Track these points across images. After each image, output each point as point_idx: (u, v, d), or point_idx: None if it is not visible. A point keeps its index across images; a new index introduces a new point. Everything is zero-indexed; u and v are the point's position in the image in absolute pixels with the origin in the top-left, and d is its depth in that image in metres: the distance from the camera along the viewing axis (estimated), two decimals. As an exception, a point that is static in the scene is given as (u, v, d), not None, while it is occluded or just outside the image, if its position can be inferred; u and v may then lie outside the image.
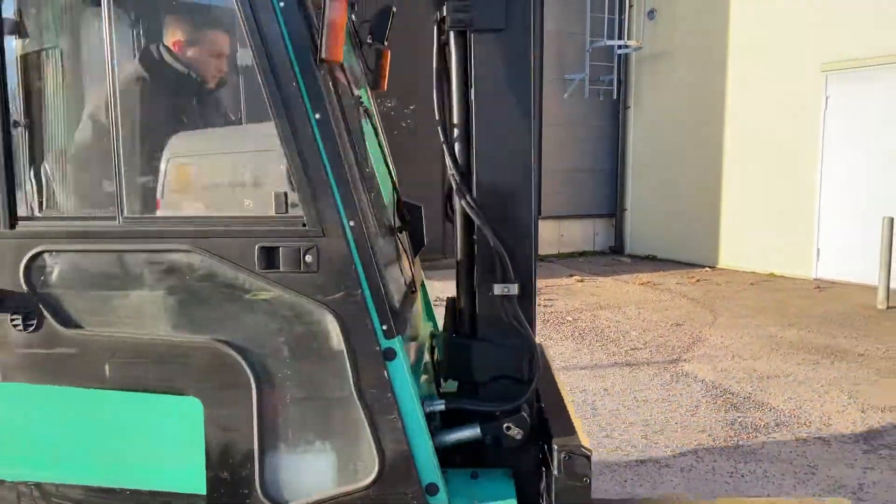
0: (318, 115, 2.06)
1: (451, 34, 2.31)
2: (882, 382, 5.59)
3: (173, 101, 2.58)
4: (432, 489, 2.15)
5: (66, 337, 2.21)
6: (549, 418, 2.43)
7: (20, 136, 2.34)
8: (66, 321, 2.22)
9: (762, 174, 10.26)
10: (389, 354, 2.12)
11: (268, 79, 2.05)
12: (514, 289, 2.28)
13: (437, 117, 2.40)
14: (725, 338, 7.00)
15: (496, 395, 2.35)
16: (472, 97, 2.30)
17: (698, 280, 10.11)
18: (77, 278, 2.31)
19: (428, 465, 2.16)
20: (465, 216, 2.36)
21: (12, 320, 2.20)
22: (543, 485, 2.46)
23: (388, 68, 2.85)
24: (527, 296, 2.33)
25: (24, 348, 2.23)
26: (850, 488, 3.84)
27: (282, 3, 2.04)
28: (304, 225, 2.08)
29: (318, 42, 2.04)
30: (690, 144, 11.36)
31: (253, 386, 2.13)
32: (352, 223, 2.08)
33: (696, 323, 7.63)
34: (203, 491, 2.17)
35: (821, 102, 9.46)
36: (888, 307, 7.87)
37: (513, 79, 2.30)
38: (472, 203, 2.27)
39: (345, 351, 2.11)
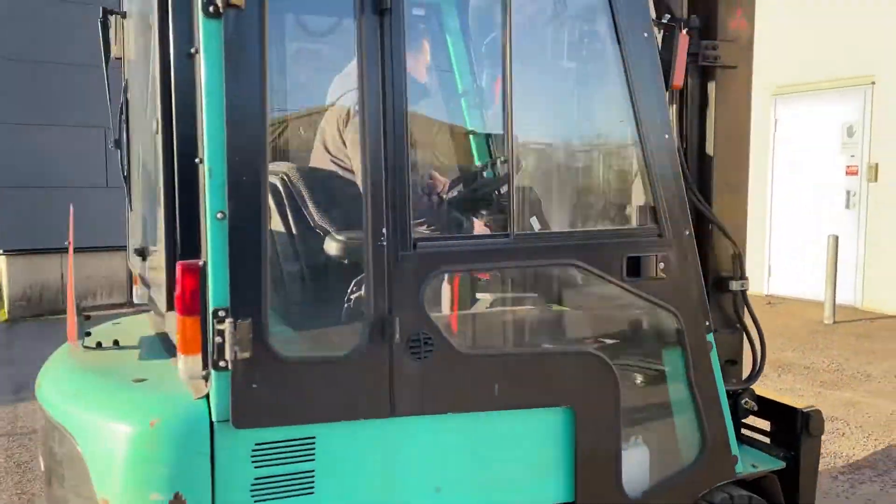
0: (666, 136, 2.29)
1: (691, 67, 2.59)
2: (825, 394, 5.85)
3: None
4: (735, 460, 2.49)
5: (460, 359, 2.07)
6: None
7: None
8: (460, 342, 2.16)
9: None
10: (710, 347, 2.41)
11: (635, 105, 2.24)
12: (747, 284, 2.70)
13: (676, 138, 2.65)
14: (679, 352, 7.20)
15: (726, 377, 2.67)
16: (713, 121, 2.64)
17: (656, 296, 10.34)
18: (463, 297, 2.40)
19: (733, 442, 2.49)
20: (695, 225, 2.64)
21: (411, 345, 1.98)
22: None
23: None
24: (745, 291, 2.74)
25: (420, 375, 2.01)
26: (789, 494, 4.04)
27: (645, 34, 2.24)
28: (659, 235, 2.30)
29: (668, 70, 2.30)
30: (648, 164, 11.65)
31: (619, 388, 2.25)
32: (687, 232, 2.33)
33: (652, 338, 7.82)
34: (570, 498, 2.21)
35: (770, 125, 9.81)
36: (834, 322, 8.17)
37: (740, 107, 2.70)
38: (714, 215, 2.65)
39: (685, 348, 2.36)
